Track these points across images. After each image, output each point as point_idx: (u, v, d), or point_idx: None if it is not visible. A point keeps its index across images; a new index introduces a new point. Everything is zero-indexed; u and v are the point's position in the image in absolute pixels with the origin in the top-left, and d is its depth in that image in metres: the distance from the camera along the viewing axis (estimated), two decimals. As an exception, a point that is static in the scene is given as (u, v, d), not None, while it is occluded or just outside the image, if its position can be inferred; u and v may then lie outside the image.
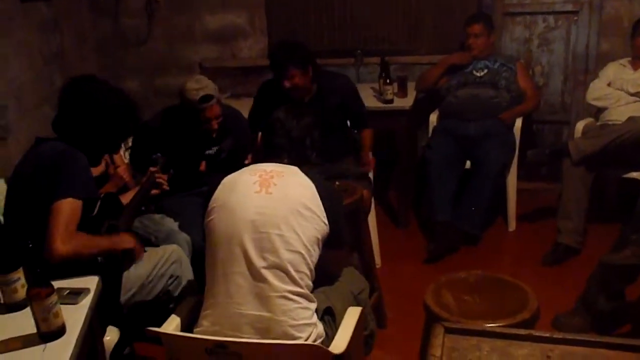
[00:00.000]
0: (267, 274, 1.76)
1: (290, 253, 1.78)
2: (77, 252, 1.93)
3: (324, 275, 1.97)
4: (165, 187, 2.52)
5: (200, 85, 2.74)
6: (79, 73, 2.31)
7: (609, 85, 3.51)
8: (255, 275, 1.77)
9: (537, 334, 1.45)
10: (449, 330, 1.49)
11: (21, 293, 1.75)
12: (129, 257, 2.19)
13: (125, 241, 2.18)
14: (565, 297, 2.81)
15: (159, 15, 4.33)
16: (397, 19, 4.13)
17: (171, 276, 2.32)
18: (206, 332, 1.82)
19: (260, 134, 2.02)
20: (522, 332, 1.48)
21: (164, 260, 2.30)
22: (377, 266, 3.16)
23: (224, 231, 1.82)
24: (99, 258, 2.04)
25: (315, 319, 1.85)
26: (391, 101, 3.65)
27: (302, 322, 1.79)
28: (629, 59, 3.56)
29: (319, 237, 1.84)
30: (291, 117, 1.96)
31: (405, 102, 3.69)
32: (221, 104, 2.86)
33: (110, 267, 2.09)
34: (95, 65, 4.30)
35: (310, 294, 1.84)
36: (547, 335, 1.45)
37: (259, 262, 1.77)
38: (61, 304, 1.66)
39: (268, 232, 1.78)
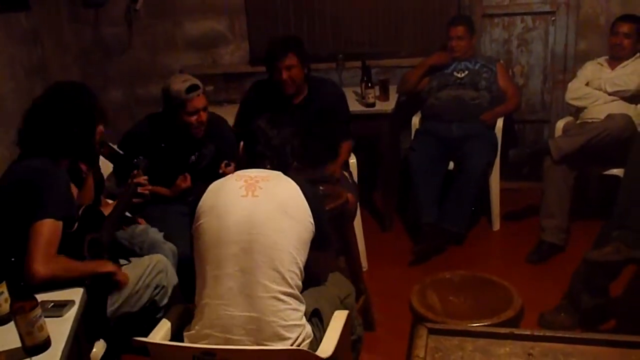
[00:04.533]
0: (258, 275, 1.78)
1: (280, 252, 1.80)
2: (56, 276, 1.92)
3: (311, 278, 1.98)
4: (147, 191, 2.49)
5: (185, 78, 2.77)
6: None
7: (587, 84, 3.55)
8: (246, 276, 1.78)
9: (518, 332, 1.48)
10: (432, 331, 1.51)
11: (5, 307, 1.74)
12: (113, 285, 2.16)
13: (106, 265, 2.15)
14: (550, 295, 2.84)
15: (139, 24, 4.32)
16: (378, 22, 4.16)
17: (157, 286, 2.30)
18: (197, 335, 1.82)
19: (242, 142, 2.04)
20: (504, 330, 1.50)
21: (149, 271, 2.29)
22: (364, 269, 3.17)
23: (213, 234, 1.83)
24: (85, 281, 2.02)
25: (304, 320, 1.86)
26: (373, 105, 3.67)
27: (292, 322, 1.80)
28: (606, 57, 3.61)
29: (307, 236, 1.87)
30: (271, 126, 1.99)
31: (387, 105, 3.71)
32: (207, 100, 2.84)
33: (97, 284, 2.07)
34: (77, 75, 4.28)
35: (300, 295, 1.86)
36: (528, 333, 1.47)
37: (248, 263, 1.78)
38: (46, 317, 1.65)
39: (257, 233, 1.80)
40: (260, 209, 1.82)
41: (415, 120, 3.91)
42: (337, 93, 3.22)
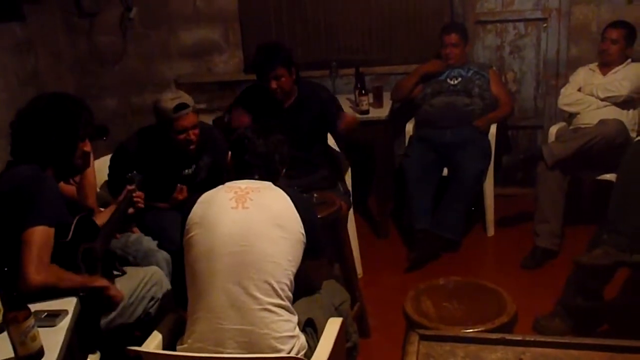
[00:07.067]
0: (249, 287, 1.77)
1: (271, 264, 1.80)
2: (50, 283, 1.90)
3: (304, 287, 1.99)
4: (141, 205, 2.50)
5: (175, 95, 2.73)
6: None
7: (579, 90, 3.57)
8: (236, 288, 1.78)
9: (510, 337, 1.48)
10: (423, 337, 1.51)
11: (-3, 317, 1.74)
12: (106, 300, 2.15)
13: (99, 280, 2.11)
14: (545, 300, 2.84)
15: (133, 33, 4.33)
16: (371, 29, 4.18)
17: (152, 298, 2.28)
18: (189, 349, 1.82)
19: (230, 153, 2.03)
20: (495, 336, 1.50)
21: (144, 283, 2.27)
22: (359, 276, 3.18)
23: (204, 247, 1.83)
24: (80, 293, 2.01)
25: (297, 331, 1.86)
26: (367, 112, 3.68)
27: (285, 334, 1.80)
28: (597, 63, 3.63)
29: (298, 247, 1.87)
30: (258, 135, 1.98)
31: (381, 112, 3.73)
32: (198, 117, 2.82)
33: (91, 295, 2.06)
34: (71, 84, 4.29)
35: (291, 307, 1.86)
36: (519, 338, 1.47)
37: (239, 276, 1.78)
38: (39, 326, 1.65)
39: (247, 245, 1.80)
40: (251, 221, 1.82)
41: (409, 127, 3.92)
42: (327, 96, 3.24)
